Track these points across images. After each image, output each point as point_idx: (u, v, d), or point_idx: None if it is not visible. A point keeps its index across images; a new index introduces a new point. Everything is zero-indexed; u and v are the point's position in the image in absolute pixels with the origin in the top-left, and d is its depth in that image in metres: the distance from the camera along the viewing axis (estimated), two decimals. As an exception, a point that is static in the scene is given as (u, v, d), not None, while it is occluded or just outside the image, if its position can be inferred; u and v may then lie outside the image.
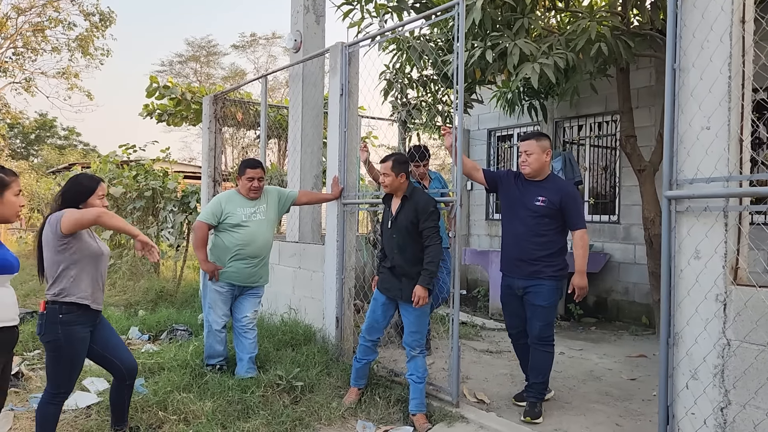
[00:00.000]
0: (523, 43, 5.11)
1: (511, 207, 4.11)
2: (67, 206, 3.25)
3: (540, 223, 3.96)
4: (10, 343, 2.70)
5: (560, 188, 4.01)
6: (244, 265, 4.68)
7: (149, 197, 9.32)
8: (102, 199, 3.39)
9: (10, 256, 2.68)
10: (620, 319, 7.55)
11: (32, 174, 23.52)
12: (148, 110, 10.96)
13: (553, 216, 3.96)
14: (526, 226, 3.99)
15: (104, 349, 3.42)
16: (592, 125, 8.14)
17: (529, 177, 4.07)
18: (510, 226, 4.13)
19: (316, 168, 6.63)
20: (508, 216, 4.15)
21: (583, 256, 3.95)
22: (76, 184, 3.36)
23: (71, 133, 41.12)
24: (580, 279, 3.95)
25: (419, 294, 3.84)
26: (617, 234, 7.67)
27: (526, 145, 4.02)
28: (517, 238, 4.04)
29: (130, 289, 8.80)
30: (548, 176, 4.07)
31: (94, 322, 3.35)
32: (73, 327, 3.19)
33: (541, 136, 4.06)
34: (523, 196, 4.05)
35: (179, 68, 34.03)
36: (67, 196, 3.30)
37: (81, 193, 3.32)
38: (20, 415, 4.06)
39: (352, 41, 5.24)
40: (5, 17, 28.92)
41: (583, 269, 3.95)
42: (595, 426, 3.87)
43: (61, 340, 3.17)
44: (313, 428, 3.90)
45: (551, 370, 4.14)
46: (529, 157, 4.00)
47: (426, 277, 3.85)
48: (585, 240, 3.97)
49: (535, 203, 3.97)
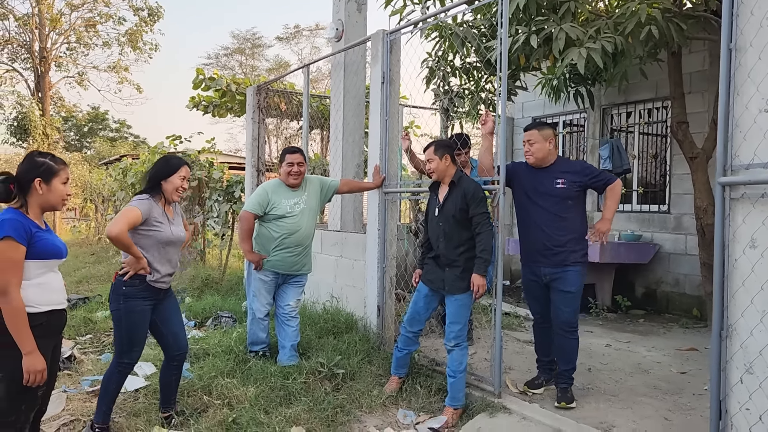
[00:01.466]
0: (569, 28, 4.96)
1: (529, 196, 4.12)
2: (150, 184, 3.50)
3: (563, 206, 3.99)
4: (58, 325, 2.79)
5: (573, 164, 4.17)
6: (287, 253, 4.72)
7: (195, 187, 9.49)
8: (183, 180, 3.58)
9: (59, 242, 2.76)
10: (670, 311, 7.33)
11: (85, 165, 24.29)
12: (194, 102, 11.16)
13: (574, 196, 4.01)
14: (549, 212, 4.01)
15: (162, 324, 3.61)
16: (641, 112, 7.89)
17: (535, 165, 4.12)
18: (530, 215, 4.12)
19: (358, 157, 6.63)
20: (527, 205, 4.14)
21: (614, 204, 4.06)
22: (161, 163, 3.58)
23: (122, 125, 42.30)
24: (602, 224, 4.00)
25: (477, 283, 3.79)
26: (667, 224, 7.43)
27: (529, 134, 4.12)
28: (540, 225, 4.04)
29: (177, 277, 9.00)
30: (557, 160, 4.13)
31: (158, 298, 3.52)
32: (134, 300, 3.39)
33: (543, 125, 4.14)
34: (539, 184, 4.07)
35: (225, 61, 34.58)
36: (151, 173, 3.54)
37: (165, 172, 3.53)
38: (72, 396, 4.20)
39: (394, 29, 5.20)
40: (59, 13, 29.90)
41: (610, 216, 4.03)
42: (643, 420, 3.76)
43: (122, 310, 3.38)
44: (354, 415, 3.92)
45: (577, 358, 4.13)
46: (532, 146, 4.08)
47: (480, 265, 3.81)
48: (618, 188, 4.05)
49: (556, 186, 4.00)
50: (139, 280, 3.39)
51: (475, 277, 3.81)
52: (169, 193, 3.52)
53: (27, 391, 2.60)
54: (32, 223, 2.64)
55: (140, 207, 3.34)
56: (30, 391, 2.61)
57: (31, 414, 2.66)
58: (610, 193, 4.05)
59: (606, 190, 4.06)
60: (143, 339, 3.53)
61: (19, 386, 2.57)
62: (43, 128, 25.86)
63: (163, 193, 3.52)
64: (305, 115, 6.89)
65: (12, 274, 2.50)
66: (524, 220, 4.18)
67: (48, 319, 2.66)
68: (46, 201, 2.73)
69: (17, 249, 2.53)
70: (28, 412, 2.64)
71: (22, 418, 2.63)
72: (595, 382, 4.53)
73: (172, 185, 3.52)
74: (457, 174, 4.04)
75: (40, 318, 2.62)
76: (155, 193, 3.50)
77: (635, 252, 7.30)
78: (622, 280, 7.60)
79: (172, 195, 3.53)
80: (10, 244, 2.51)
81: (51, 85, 30.95)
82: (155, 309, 3.53)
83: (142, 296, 3.42)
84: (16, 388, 2.57)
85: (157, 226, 3.42)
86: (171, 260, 3.56)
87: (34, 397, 2.64)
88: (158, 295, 3.52)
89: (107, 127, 41.81)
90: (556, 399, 3.98)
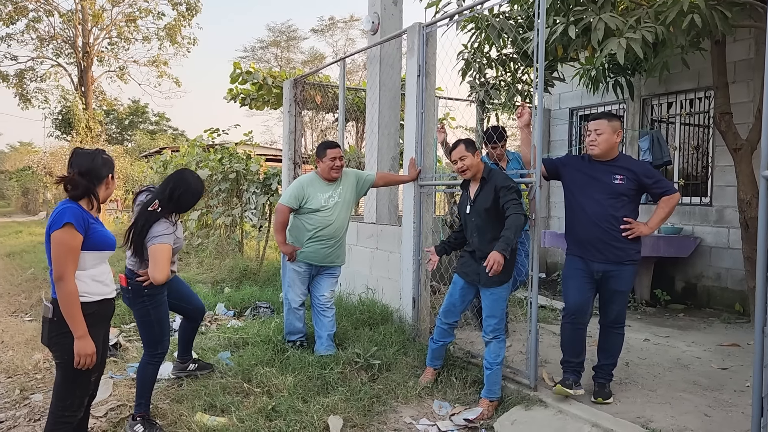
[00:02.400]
0: (608, 17, 4.88)
1: (583, 189, 3.97)
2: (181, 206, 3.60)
3: (618, 202, 3.85)
4: (108, 314, 2.91)
5: (635, 164, 3.95)
6: (320, 246, 4.79)
7: (233, 179, 9.66)
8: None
9: (109, 234, 2.87)
10: (711, 306, 7.18)
11: (126, 158, 24.87)
12: (232, 95, 11.33)
13: (631, 194, 3.87)
14: (603, 207, 3.86)
15: (178, 300, 4.04)
16: (683, 102, 7.71)
17: (596, 158, 3.95)
18: (584, 209, 3.96)
19: (393, 150, 6.65)
20: (580, 199, 3.99)
21: (664, 215, 3.87)
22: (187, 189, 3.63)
23: (161, 118, 43.18)
24: (643, 228, 3.86)
25: (493, 258, 3.56)
26: (709, 217, 7.27)
27: (597, 124, 3.89)
28: (593, 220, 3.89)
29: (216, 267, 9.21)
30: (618, 156, 3.96)
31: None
32: (157, 296, 3.61)
33: (613, 116, 3.94)
34: (596, 178, 3.91)
35: (261, 54, 34.97)
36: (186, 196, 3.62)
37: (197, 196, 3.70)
38: (119, 382, 4.36)
39: (430, 21, 5.20)
40: (101, 9, 30.60)
41: (654, 225, 3.86)
42: (682, 415, 3.72)
43: (149, 308, 3.58)
44: (389, 406, 3.97)
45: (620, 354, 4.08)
46: (599, 136, 3.88)
47: (502, 243, 3.61)
48: (674, 202, 3.86)
49: (614, 182, 3.85)
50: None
51: (492, 254, 3.60)
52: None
53: (81, 375, 2.72)
54: (89, 214, 2.77)
55: (169, 242, 3.43)
56: (83, 375, 2.73)
57: (84, 399, 2.79)
58: (664, 203, 3.85)
59: (661, 200, 3.87)
60: (170, 325, 3.80)
61: (74, 371, 2.70)
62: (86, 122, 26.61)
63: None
64: (341, 108, 6.94)
65: (70, 260, 2.63)
66: (577, 213, 4.02)
67: (99, 308, 2.78)
68: (107, 195, 2.91)
69: (75, 237, 2.64)
70: (83, 397, 2.77)
71: (77, 402, 2.75)
72: (632, 376, 4.49)
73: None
74: (487, 169, 4.04)
75: (92, 307, 2.74)
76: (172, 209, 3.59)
77: (675, 245, 7.17)
78: (662, 273, 7.47)
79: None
80: (70, 231, 2.62)
81: (93, 80, 31.79)
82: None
83: (161, 291, 3.65)
84: (72, 373, 2.70)
85: (175, 244, 3.59)
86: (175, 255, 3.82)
87: (87, 382, 2.76)
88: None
89: (147, 120, 42.72)
90: (593, 394, 3.95)
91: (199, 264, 9.82)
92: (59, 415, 2.74)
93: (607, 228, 3.85)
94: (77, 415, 2.79)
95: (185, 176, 3.65)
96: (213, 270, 9.14)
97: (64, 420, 2.75)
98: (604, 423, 3.50)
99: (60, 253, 2.61)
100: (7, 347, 5.41)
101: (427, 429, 3.72)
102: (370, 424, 3.71)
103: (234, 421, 3.53)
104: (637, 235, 3.85)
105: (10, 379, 4.58)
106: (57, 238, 2.61)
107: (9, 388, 4.37)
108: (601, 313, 4.05)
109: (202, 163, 10.24)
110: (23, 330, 5.89)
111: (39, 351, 5.06)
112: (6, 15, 28.57)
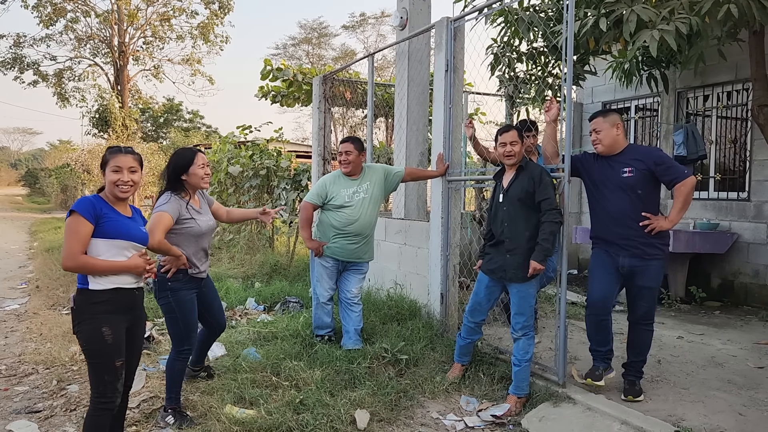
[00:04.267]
0: (641, 9, 4.79)
1: (599, 187, 3.96)
2: (171, 180, 3.64)
3: (633, 196, 3.80)
4: (127, 303, 2.93)
5: (643, 152, 3.89)
6: (347, 242, 4.83)
7: (264, 176, 9.76)
8: (203, 167, 3.73)
9: (133, 228, 2.90)
10: (749, 303, 7.00)
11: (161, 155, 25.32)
12: (263, 92, 11.43)
13: (644, 186, 3.80)
14: (619, 203, 3.83)
15: (207, 311, 3.99)
16: (719, 95, 7.52)
17: (604, 154, 3.95)
18: (601, 206, 3.95)
19: (422, 145, 6.64)
20: (597, 197, 3.99)
21: (682, 205, 3.72)
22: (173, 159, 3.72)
23: (195, 116, 43.79)
24: (662, 222, 3.75)
25: (534, 266, 3.77)
26: (747, 212, 7.08)
27: (594, 123, 3.98)
28: (613, 218, 3.87)
29: (247, 263, 9.33)
30: (627, 148, 3.93)
31: (199, 286, 3.80)
32: (180, 292, 3.64)
33: (607, 111, 4.00)
34: (607, 174, 3.90)
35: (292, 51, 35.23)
36: (169, 170, 3.68)
37: (182, 166, 3.66)
38: (151, 374, 4.46)
39: (458, 15, 5.17)
40: (136, 9, 31.18)
41: (674, 218, 3.74)
42: (715, 414, 3.64)
43: (173, 303, 3.63)
44: (417, 400, 3.98)
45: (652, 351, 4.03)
46: (599, 134, 3.92)
47: (539, 253, 3.78)
48: (687, 188, 3.71)
49: (623, 176, 3.82)
50: (182, 274, 3.64)
51: (532, 263, 3.79)
52: (195, 184, 3.70)
53: (103, 361, 2.81)
54: (105, 205, 2.83)
55: (168, 210, 3.51)
56: (106, 360, 2.81)
57: (116, 383, 2.85)
58: (678, 192, 3.74)
59: (675, 189, 3.77)
60: (197, 324, 3.81)
61: (95, 357, 2.81)
62: (122, 120, 27.15)
63: (186, 186, 3.67)
64: (370, 104, 6.95)
65: (76, 243, 2.71)
66: (597, 212, 4.02)
67: (114, 296, 2.83)
68: (106, 189, 2.89)
69: (81, 223, 2.72)
70: (114, 383, 2.84)
71: (110, 388, 2.83)
72: (664, 374, 4.41)
73: (196, 176, 3.68)
74: (524, 159, 4.02)
75: (105, 294, 2.81)
76: (178, 189, 3.65)
77: (711, 241, 7.00)
78: (697, 270, 7.31)
79: (200, 184, 3.71)
80: (75, 218, 2.72)
81: (129, 78, 32.42)
82: (198, 297, 3.79)
83: (188, 287, 3.68)
84: (94, 360, 2.81)
85: (188, 222, 3.61)
86: (205, 250, 3.80)
87: (112, 367, 2.82)
88: (200, 284, 3.79)
89: (181, 118, 43.38)
90: (623, 392, 3.90)
91: (231, 259, 9.97)
92: (96, 401, 2.84)
93: (627, 224, 3.81)
94: (114, 401, 2.86)
95: (173, 154, 3.79)
96: (244, 265, 9.27)
97: (102, 407, 2.84)
98: (633, 421, 3.44)
99: (66, 237, 2.73)
100: (46, 339, 5.58)
101: (454, 424, 3.72)
102: (396, 419, 3.72)
103: (262, 413, 3.58)
104: (659, 230, 3.77)
105: (48, 370, 4.72)
106: (65, 225, 2.76)
107: (47, 379, 4.51)
108: (630, 310, 4.00)
109: (233, 160, 10.37)
110: (61, 323, 6.06)
111: (75, 343, 5.20)
112: (46, 16, 29.33)
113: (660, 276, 3.88)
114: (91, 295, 2.79)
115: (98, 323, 2.79)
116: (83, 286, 2.80)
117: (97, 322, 2.78)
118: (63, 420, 3.80)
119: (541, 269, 3.79)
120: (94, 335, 2.78)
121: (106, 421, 2.87)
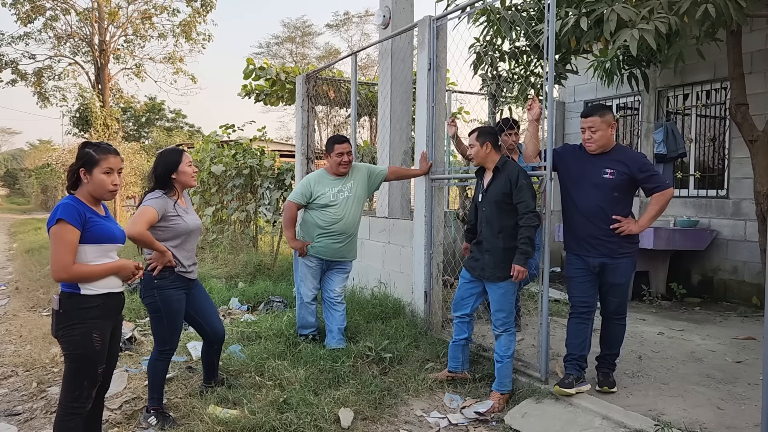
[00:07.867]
0: (620, 9, 4.83)
1: (576, 183, 3.95)
2: (159, 180, 3.61)
3: (608, 197, 3.81)
4: (115, 307, 2.94)
5: (630, 157, 3.88)
6: (331, 241, 4.82)
7: (247, 175, 9.72)
8: (191, 165, 3.71)
9: (115, 229, 2.89)
10: (728, 299, 7.10)
11: (143, 155, 25.08)
12: (246, 91, 11.37)
13: (622, 189, 3.82)
14: (594, 202, 3.83)
15: (197, 314, 3.83)
16: (698, 93, 7.62)
17: (594, 153, 3.92)
18: (575, 203, 3.95)
19: (405, 144, 6.65)
20: (573, 193, 3.97)
21: (655, 213, 3.77)
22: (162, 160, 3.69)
23: (178, 115, 43.39)
24: (633, 225, 3.80)
25: (518, 269, 3.80)
26: (725, 209, 7.19)
27: (591, 121, 3.86)
28: (586, 215, 3.88)
29: (230, 262, 9.28)
30: (613, 148, 3.91)
31: (188, 286, 3.71)
32: (167, 290, 3.57)
33: (604, 109, 3.91)
34: (587, 171, 3.89)
35: (276, 49, 35.03)
36: (159, 170, 3.65)
37: (171, 164, 3.64)
38: (133, 375, 4.43)
39: (440, 14, 5.19)
40: (117, 7, 30.86)
41: (644, 223, 3.79)
42: (694, 408, 3.69)
43: (159, 302, 3.56)
44: (401, 398, 3.99)
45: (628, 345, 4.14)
46: (594, 134, 3.84)
47: (520, 257, 3.81)
48: (666, 199, 3.76)
49: (603, 176, 3.81)
50: (169, 272, 3.57)
51: (514, 267, 3.82)
52: (185, 182, 3.68)
53: (88, 367, 2.77)
54: (87, 208, 2.77)
55: (155, 205, 3.49)
56: (90, 367, 2.78)
57: (93, 390, 2.83)
58: (655, 200, 3.77)
59: (653, 196, 3.80)
60: (181, 325, 3.74)
61: (81, 363, 2.76)
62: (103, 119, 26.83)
63: (174, 185, 3.65)
64: (353, 103, 6.95)
65: (66, 253, 2.66)
66: (569, 208, 4.03)
67: (105, 301, 2.81)
68: (92, 190, 2.82)
69: (69, 231, 2.67)
70: (90, 389, 2.81)
71: (85, 394, 2.80)
72: (645, 369, 4.47)
73: (186, 174, 3.67)
74: (502, 160, 4.03)
75: (97, 300, 2.78)
76: (167, 188, 3.63)
77: (691, 238, 7.09)
78: (678, 267, 7.40)
79: (189, 182, 3.70)
80: (63, 227, 2.66)
81: (110, 77, 32.08)
82: (187, 299, 3.71)
83: (175, 286, 3.61)
84: (79, 365, 2.76)
85: (175, 219, 3.58)
86: (192, 250, 3.74)
87: (94, 374, 2.80)
88: (188, 285, 3.71)
89: (164, 117, 42.95)
90: (598, 383, 3.97)
91: (214, 259, 9.91)
92: (68, 406, 2.79)
93: (597, 224, 3.84)
94: (86, 406, 2.83)
95: (160, 154, 3.77)
96: (228, 265, 9.22)
97: (73, 411, 2.80)
98: (614, 416, 3.49)
99: (55, 247, 2.66)
100: (26, 341, 5.51)
101: (437, 422, 3.73)
102: (380, 417, 3.73)
103: (246, 413, 3.56)
104: (627, 234, 3.80)
105: (28, 372, 4.67)
106: (52, 234, 2.68)
107: (27, 381, 4.46)
108: (602, 305, 4.07)
109: (216, 159, 10.31)
110: (41, 324, 5.99)
111: (56, 345, 5.14)
112: (24, 14, 28.92)
113: (630, 272, 3.95)
114: (83, 300, 2.75)
115: (89, 328, 2.75)
116: (72, 290, 2.75)
117: (87, 328, 2.75)
118: (43, 422, 3.75)
119: (524, 272, 3.81)
120: (84, 341, 2.74)
121: (78, 424, 2.83)
